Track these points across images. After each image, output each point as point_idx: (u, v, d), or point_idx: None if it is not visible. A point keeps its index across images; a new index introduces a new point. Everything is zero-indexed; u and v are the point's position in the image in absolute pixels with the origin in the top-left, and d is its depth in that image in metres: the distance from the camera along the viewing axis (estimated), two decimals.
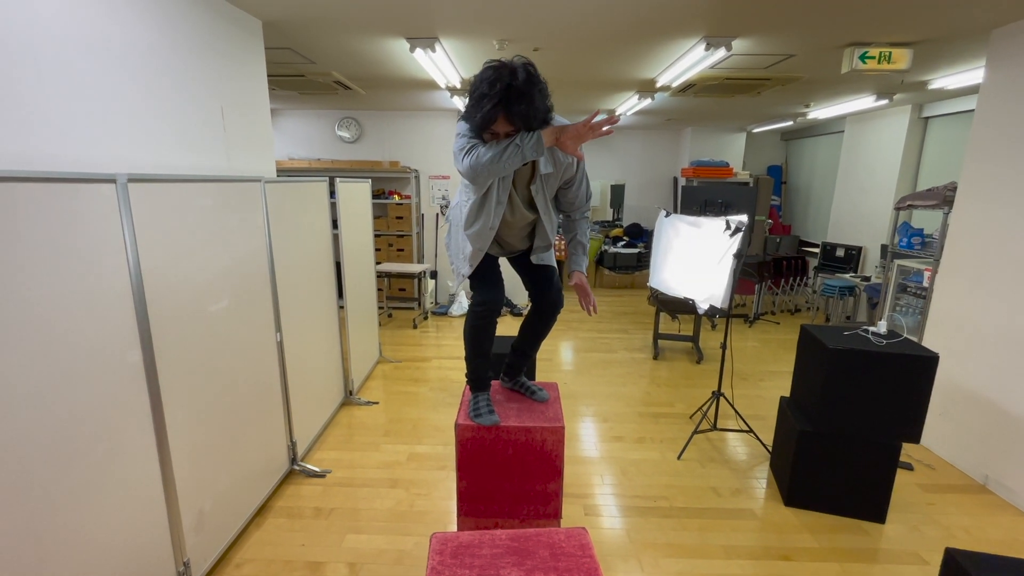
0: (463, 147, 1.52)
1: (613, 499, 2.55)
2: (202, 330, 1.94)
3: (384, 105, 5.71)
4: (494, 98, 1.39)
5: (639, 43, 3.17)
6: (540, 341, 2.07)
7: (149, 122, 2.03)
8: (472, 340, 1.90)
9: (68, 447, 1.39)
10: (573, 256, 1.90)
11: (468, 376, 1.97)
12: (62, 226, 1.35)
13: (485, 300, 1.82)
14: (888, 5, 2.47)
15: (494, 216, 1.70)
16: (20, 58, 1.50)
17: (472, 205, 1.71)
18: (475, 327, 1.87)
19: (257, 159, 2.82)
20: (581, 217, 1.88)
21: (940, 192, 3.43)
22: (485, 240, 1.75)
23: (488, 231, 1.73)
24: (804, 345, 2.59)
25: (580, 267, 1.88)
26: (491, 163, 1.47)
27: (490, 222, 1.71)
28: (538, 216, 1.77)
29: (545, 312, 1.96)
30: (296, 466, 2.70)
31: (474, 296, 1.85)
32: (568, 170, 1.70)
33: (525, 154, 1.45)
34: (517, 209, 1.73)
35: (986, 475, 2.71)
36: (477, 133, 1.51)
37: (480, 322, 1.85)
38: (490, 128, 1.46)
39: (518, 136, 1.46)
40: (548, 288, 1.92)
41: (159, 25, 2.07)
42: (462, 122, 1.56)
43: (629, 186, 8.00)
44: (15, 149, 1.49)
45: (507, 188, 1.67)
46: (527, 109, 1.42)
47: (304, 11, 2.68)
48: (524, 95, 1.41)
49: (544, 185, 1.70)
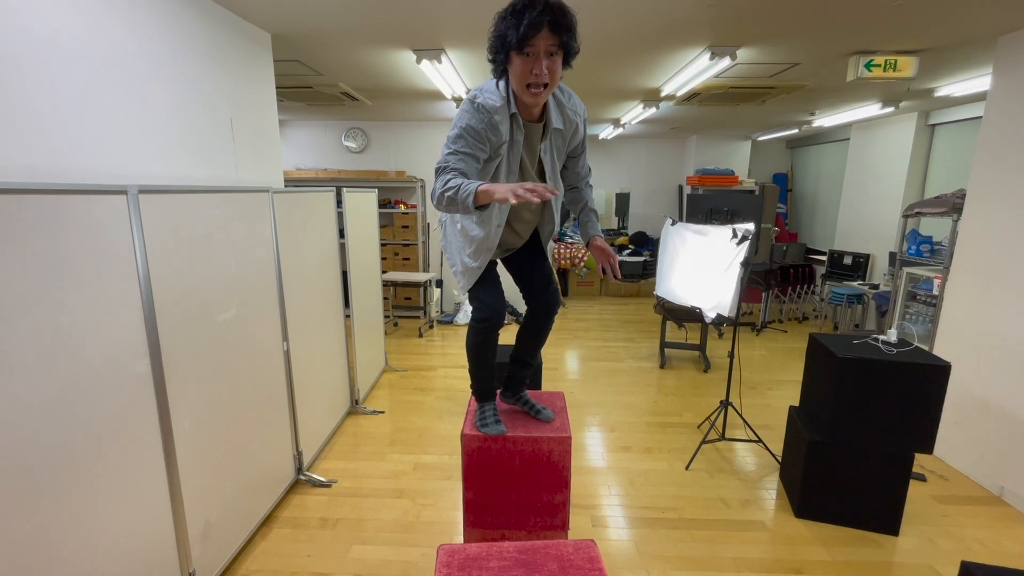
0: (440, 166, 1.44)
1: (621, 510, 2.52)
2: (210, 339, 1.95)
3: (390, 116, 5.76)
4: (538, 7, 1.28)
5: (644, 53, 3.19)
6: (540, 347, 1.99)
7: (160, 133, 2.05)
8: (476, 354, 1.85)
9: (76, 456, 1.39)
10: (588, 223, 1.82)
11: (473, 387, 1.94)
12: (74, 237, 1.36)
13: (488, 316, 1.75)
14: (893, 14, 2.47)
15: (501, 207, 1.60)
16: (36, 72, 1.53)
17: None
18: (478, 343, 1.81)
19: (265, 169, 2.85)
20: (586, 185, 1.85)
21: (949, 199, 3.41)
22: (493, 240, 1.66)
23: (496, 229, 1.64)
24: (813, 354, 2.57)
25: (597, 231, 1.80)
26: (440, 194, 1.37)
27: (499, 219, 1.62)
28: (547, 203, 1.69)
29: (542, 314, 1.87)
30: (302, 476, 2.69)
31: (475, 310, 1.77)
32: (576, 135, 1.67)
33: (461, 198, 1.31)
34: (528, 179, 1.63)
35: (1002, 486, 2.66)
36: (507, 53, 1.36)
37: (483, 337, 1.80)
38: (530, 41, 1.31)
39: (461, 184, 1.33)
40: (546, 287, 1.84)
41: (173, 38, 2.10)
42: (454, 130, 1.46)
43: (634, 194, 8.01)
44: (30, 161, 1.51)
45: (517, 156, 1.56)
46: (571, 23, 1.33)
47: (313, 25, 2.71)
48: (567, 11, 1.32)
49: (553, 145, 1.62)
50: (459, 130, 1.45)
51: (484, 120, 1.44)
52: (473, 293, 1.77)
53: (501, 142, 1.50)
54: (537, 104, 1.48)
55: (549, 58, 1.35)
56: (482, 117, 1.44)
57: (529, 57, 1.35)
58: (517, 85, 1.41)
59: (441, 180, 1.39)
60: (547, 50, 1.33)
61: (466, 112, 1.46)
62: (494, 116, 1.45)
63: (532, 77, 1.37)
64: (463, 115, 1.46)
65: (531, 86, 1.39)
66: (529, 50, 1.33)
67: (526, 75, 1.37)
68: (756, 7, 2.42)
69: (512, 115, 1.49)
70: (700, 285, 2.92)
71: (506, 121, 1.48)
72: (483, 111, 1.44)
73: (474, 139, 1.45)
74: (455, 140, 1.45)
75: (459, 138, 1.45)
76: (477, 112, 1.45)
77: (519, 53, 1.34)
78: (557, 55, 1.36)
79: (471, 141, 1.45)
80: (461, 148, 1.44)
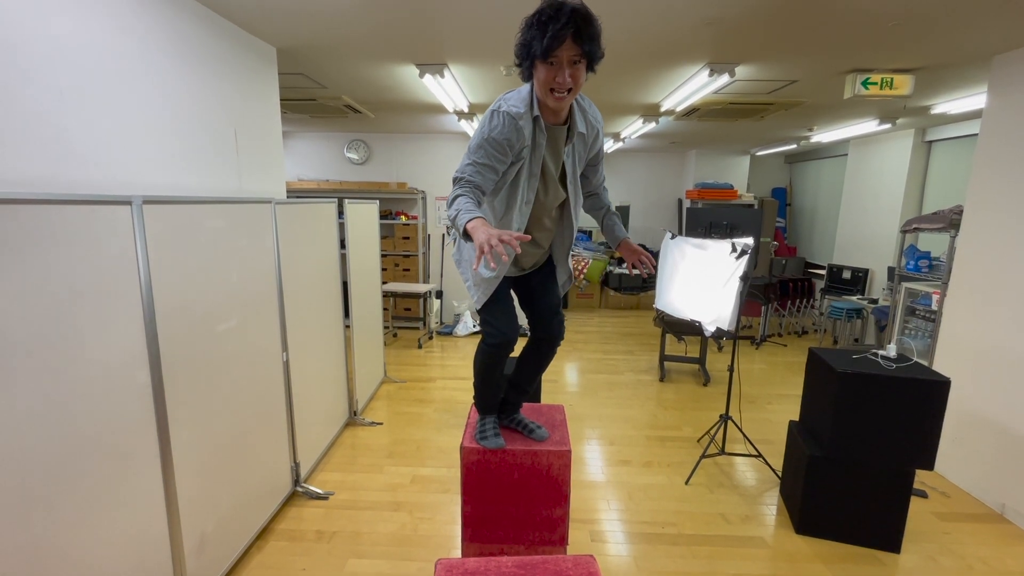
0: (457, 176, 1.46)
1: (620, 525, 2.50)
2: (210, 350, 1.95)
3: (392, 128, 5.81)
4: (562, 19, 1.31)
5: (643, 69, 3.23)
6: (539, 374, 1.98)
7: (165, 144, 2.08)
8: (483, 374, 1.82)
9: (73, 465, 1.39)
10: (614, 226, 1.87)
11: (476, 400, 1.93)
12: (78, 247, 1.37)
13: (499, 342, 1.70)
14: (889, 33, 2.51)
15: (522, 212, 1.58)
16: (44, 83, 1.55)
17: (498, 202, 1.59)
18: (487, 365, 1.79)
19: (268, 181, 2.87)
20: (604, 190, 1.89)
21: (946, 215, 3.43)
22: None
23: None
24: (812, 368, 2.56)
25: (624, 233, 1.86)
26: (448, 213, 1.40)
27: (518, 222, 1.59)
28: (567, 197, 1.67)
29: (545, 342, 1.86)
30: (299, 488, 2.67)
31: (486, 335, 1.71)
32: (596, 143, 1.69)
33: (458, 226, 1.34)
34: (551, 183, 1.62)
35: (1003, 504, 2.64)
36: (532, 60, 1.40)
37: (493, 359, 1.76)
38: (554, 52, 1.35)
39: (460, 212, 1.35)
40: (552, 316, 1.82)
41: (180, 51, 2.13)
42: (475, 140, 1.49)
43: (634, 207, 8.05)
44: (36, 171, 1.53)
45: (539, 159, 1.55)
46: (595, 32, 1.36)
47: (318, 39, 2.76)
48: (592, 21, 1.34)
49: (575, 150, 1.62)
50: (480, 140, 1.47)
51: (508, 128, 1.45)
52: (485, 316, 1.72)
53: (521, 147, 1.51)
54: (561, 108, 1.50)
55: (572, 66, 1.38)
56: (505, 126, 1.45)
57: (553, 66, 1.38)
58: (541, 90, 1.44)
59: (453, 196, 1.42)
60: (570, 59, 1.37)
61: (488, 121, 1.48)
62: (518, 122, 1.46)
63: (555, 84, 1.40)
64: (485, 125, 1.48)
65: (554, 91, 1.42)
66: (553, 59, 1.37)
67: (550, 82, 1.40)
68: (753, 26, 2.46)
69: (535, 118, 1.50)
70: (699, 298, 2.92)
71: (528, 124, 1.49)
72: (507, 119, 1.46)
73: (494, 150, 1.46)
74: (475, 151, 1.47)
75: (479, 148, 1.47)
76: (500, 121, 1.46)
77: (543, 62, 1.38)
78: (581, 63, 1.39)
79: (490, 151, 1.46)
80: (480, 159, 1.46)
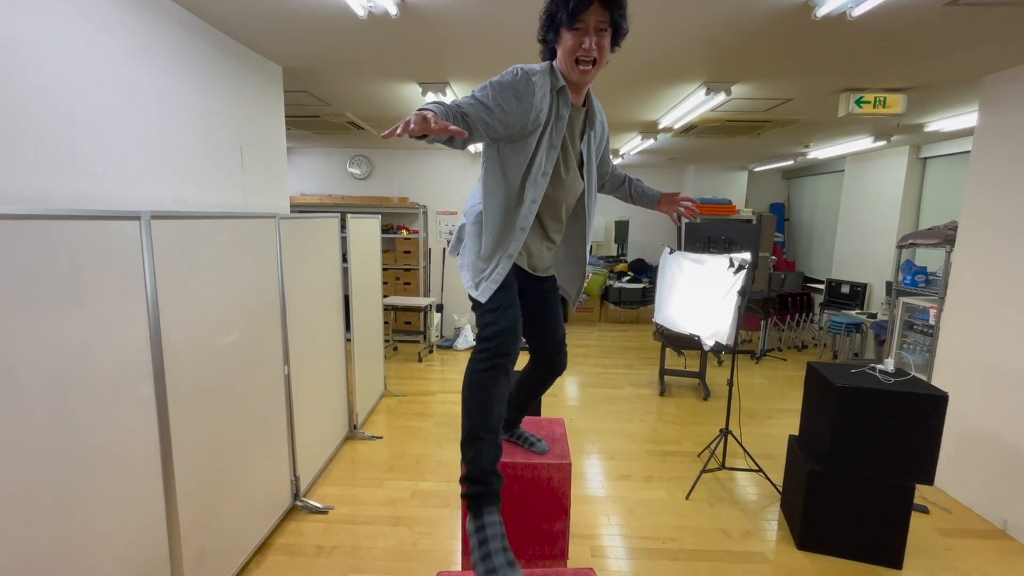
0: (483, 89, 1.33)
1: (621, 540, 2.49)
2: (213, 363, 1.97)
3: (394, 143, 5.89)
4: None
5: (642, 88, 3.30)
6: (538, 397, 1.86)
7: (173, 160, 2.12)
8: (476, 402, 1.40)
9: (75, 476, 1.40)
10: (644, 188, 1.87)
11: (467, 476, 1.36)
12: (89, 261, 1.40)
13: (496, 332, 1.40)
14: (879, 55, 2.57)
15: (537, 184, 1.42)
16: (59, 102, 1.60)
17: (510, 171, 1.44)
18: (479, 383, 1.41)
19: (272, 196, 2.91)
20: (616, 168, 1.89)
21: (941, 231, 3.47)
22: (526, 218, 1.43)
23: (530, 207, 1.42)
24: (811, 383, 2.58)
25: (657, 192, 1.84)
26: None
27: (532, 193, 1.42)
28: (586, 186, 1.57)
29: (548, 371, 1.78)
30: (298, 502, 2.66)
31: (488, 331, 1.41)
32: (604, 136, 1.68)
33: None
34: (571, 164, 1.51)
35: (1005, 520, 2.63)
36: (558, 30, 1.35)
37: (488, 374, 1.39)
38: (580, 16, 1.30)
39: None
40: (557, 351, 1.73)
41: (189, 70, 2.19)
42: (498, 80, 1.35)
43: (633, 222, 8.11)
44: (49, 187, 1.57)
45: (561, 132, 1.44)
46: (621, 2, 1.32)
47: (323, 59, 2.82)
48: None
49: (592, 140, 1.57)
50: (488, 82, 1.35)
51: (520, 80, 1.35)
52: (487, 308, 1.44)
53: (539, 110, 1.37)
54: (585, 81, 1.42)
55: (598, 34, 1.33)
56: (517, 77, 1.35)
57: (579, 31, 1.33)
58: (566, 61, 1.38)
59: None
60: (597, 26, 1.32)
61: (502, 74, 1.38)
62: (532, 78, 1.36)
63: (581, 52, 1.34)
64: (498, 76, 1.37)
65: (580, 62, 1.36)
66: (579, 25, 1.32)
67: (575, 49, 1.34)
68: (747, 48, 2.52)
69: (560, 88, 1.42)
70: (698, 313, 2.95)
71: (546, 87, 1.38)
72: (520, 72, 1.36)
73: (498, 93, 1.33)
74: (480, 89, 1.34)
75: (484, 88, 1.34)
76: (513, 73, 1.36)
77: (569, 28, 1.33)
78: (606, 32, 1.34)
79: (494, 93, 1.32)
80: (479, 95, 1.32)
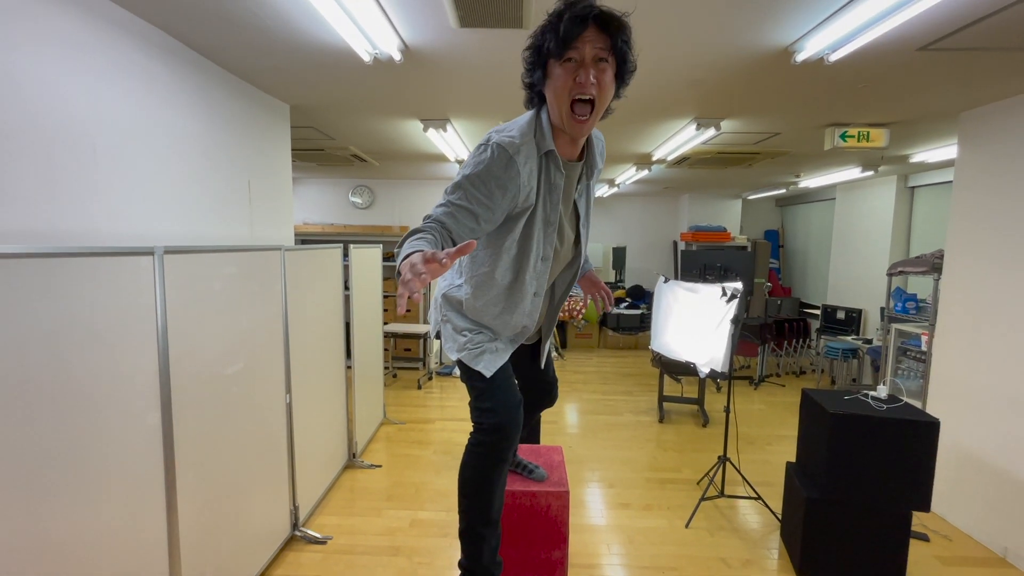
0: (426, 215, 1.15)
1: (621, 569, 2.48)
2: (218, 393, 2.01)
3: (396, 174, 6.04)
4: (583, 11, 1.05)
5: (635, 123, 3.44)
6: (530, 423, 1.87)
7: (183, 196, 2.21)
8: (477, 498, 1.29)
9: (80, 503, 1.43)
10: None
11: (468, 569, 1.33)
12: (103, 295, 1.47)
13: (498, 434, 1.27)
14: (859, 93, 2.70)
15: (538, 272, 1.29)
16: (80, 142, 1.69)
17: (501, 269, 1.28)
18: (481, 480, 1.29)
19: (277, 228, 3.00)
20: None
21: (928, 259, 3.56)
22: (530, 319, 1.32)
23: (533, 300, 1.30)
24: (806, 409, 2.61)
25: (588, 267, 1.67)
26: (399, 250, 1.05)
27: (534, 286, 1.29)
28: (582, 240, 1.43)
29: (539, 405, 1.80)
30: (297, 532, 2.66)
31: (486, 419, 1.29)
32: (601, 164, 1.48)
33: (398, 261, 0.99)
34: (565, 238, 1.34)
35: (1005, 547, 2.63)
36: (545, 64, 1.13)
37: (489, 466, 1.28)
38: (573, 43, 1.06)
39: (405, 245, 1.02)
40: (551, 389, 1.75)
41: (202, 111, 2.30)
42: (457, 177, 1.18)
43: (630, 249, 8.23)
44: (68, 226, 1.64)
45: (557, 205, 1.26)
46: (625, 27, 1.09)
47: (328, 98, 2.95)
48: (616, 17, 1.08)
49: (588, 188, 1.38)
50: (461, 178, 1.16)
51: (498, 163, 1.14)
52: (484, 391, 1.31)
53: (527, 189, 1.19)
54: (582, 134, 1.20)
55: (597, 66, 1.08)
56: (495, 160, 1.15)
57: (572, 63, 1.08)
58: (559, 107, 1.14)
59: (409, 232, 1.07)
60: (595, 55, 1.07)
61: (475, 156, 1.18)
62: (514, 157, 1.15)
63: (576, 88, 1.09)
64: (470, 161, 1.18)
65: (576, 105, 1.12)
66: (572, 55, 1.08)
67: (568, 86, 1.10)
68: (734, 88, 2.65)
69: (547, 153, 1.21)
70: (693, 340, 3.00)
71: (533, 160, 1.18)
72: (497, 151, 1.14)
73: (476, 190, 1.14)
74: (453, 190, 1.16)
75: (457, 188, 1.15)
76: (489, 155, 1.15)
77: (560, 60, 1.09)
78: (608, 64, 1.10)
79: (471, 193, 1.14)
80: (456, 200, 1.14)
